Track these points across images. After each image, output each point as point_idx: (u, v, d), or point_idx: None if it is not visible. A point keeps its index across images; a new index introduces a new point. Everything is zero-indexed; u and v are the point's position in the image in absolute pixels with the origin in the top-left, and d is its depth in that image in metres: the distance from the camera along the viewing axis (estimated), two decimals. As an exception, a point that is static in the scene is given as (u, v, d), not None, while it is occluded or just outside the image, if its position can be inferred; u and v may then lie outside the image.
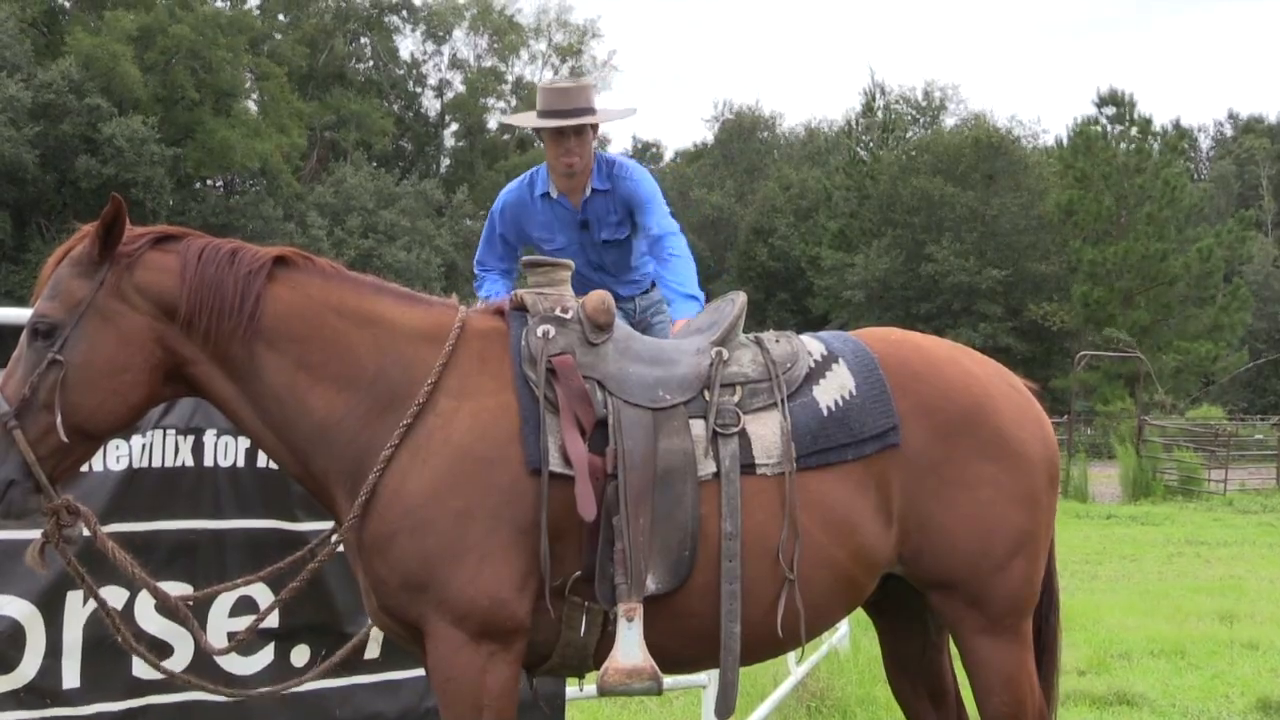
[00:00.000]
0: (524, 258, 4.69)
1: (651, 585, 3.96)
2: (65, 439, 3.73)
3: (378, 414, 3.98)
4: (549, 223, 6.17)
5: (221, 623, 4.89)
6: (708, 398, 4.18)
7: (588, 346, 4.16)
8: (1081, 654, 10.23)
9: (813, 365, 4.37)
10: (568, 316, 4.20)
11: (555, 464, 3.94)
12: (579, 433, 3.99)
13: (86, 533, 3.96)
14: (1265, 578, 15.98)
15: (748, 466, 4.14)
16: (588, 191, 6.05)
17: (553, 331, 4.13)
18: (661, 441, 4.05)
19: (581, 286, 4.61)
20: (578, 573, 4.00)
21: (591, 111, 5.88)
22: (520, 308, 4.28)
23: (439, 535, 3.88)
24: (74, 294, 3.82)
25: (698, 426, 4.13)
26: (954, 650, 4.86)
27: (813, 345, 4.45)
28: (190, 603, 4.42)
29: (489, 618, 3.90)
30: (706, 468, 4.09)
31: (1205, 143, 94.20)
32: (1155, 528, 23.23)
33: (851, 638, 9.53)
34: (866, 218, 63.02)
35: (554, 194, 6.10)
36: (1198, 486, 31.09)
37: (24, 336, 3.81)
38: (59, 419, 3.72)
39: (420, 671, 5.07)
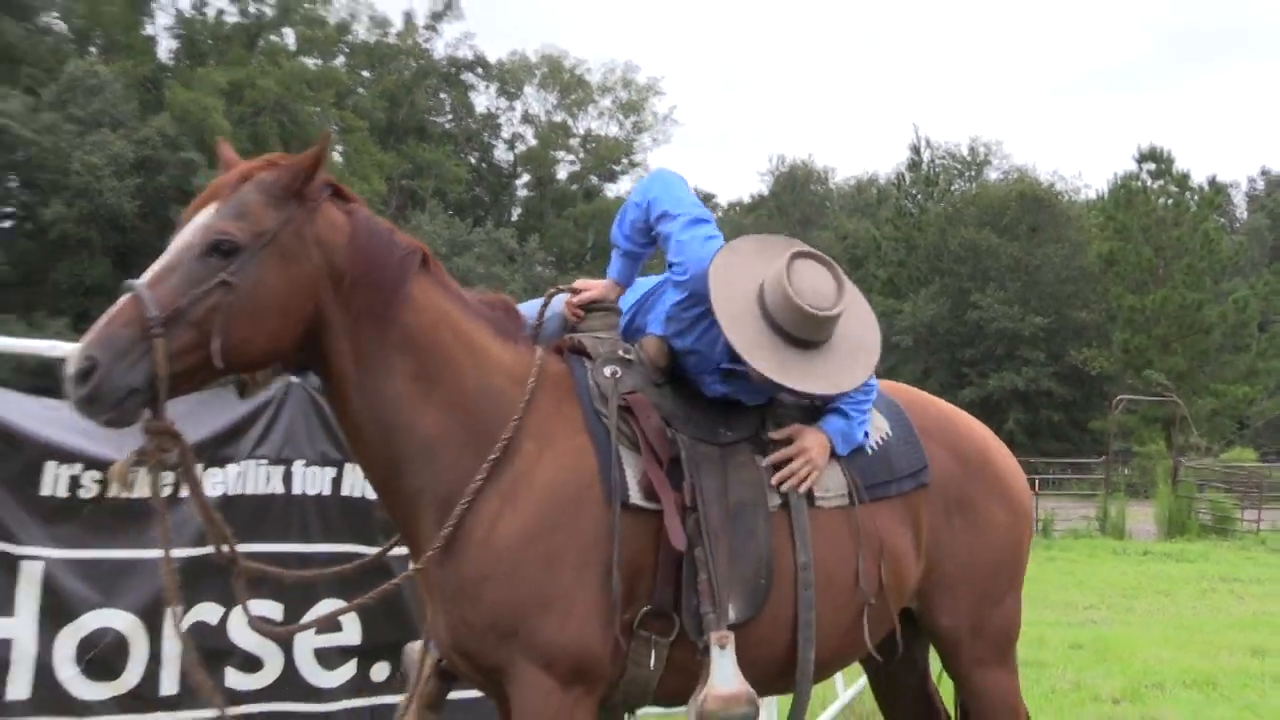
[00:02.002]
0: (581, 298, 4.32)
1: (731, 616, 3.84)
2: (220, 364, 3.42)
3: (471, 444, 3.76)
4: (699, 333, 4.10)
5: (308, 640, 4.95)
6: (764, 436, 4.14)
7: (653, 387, 4.06)
8: (1117, 684, 10.19)
9: None
10: (630, 358, 4.10)
11: (635, 498, 3.83)
12: (660, 467, 3.88)
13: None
14: (1296, 614, 15.82)
15: (809, 499, 4.11)
16: None
17: (620, 371, 4.02)
18: (731, 475, 3.97)
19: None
20: (647, 607, 3.85)
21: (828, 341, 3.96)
22: (577, 350, 4.14)
23: (530, 581, 3.69)
24: (262, 222, 3.49)
25: (759, 462, 4.06)
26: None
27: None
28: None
29: (578, 662, 3.73)
30: (772, 500, 4.02)
31: (1239, 197, 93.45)
32: (1190, 564, 22.96)
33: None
34: (914, 266, 62.90)
35: None
36: (1231, 525, 30.75)
37: (189, 244, 3.45)
38: (216, 343, 3.38)
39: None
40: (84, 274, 54.09)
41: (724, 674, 3.79)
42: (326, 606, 4.90)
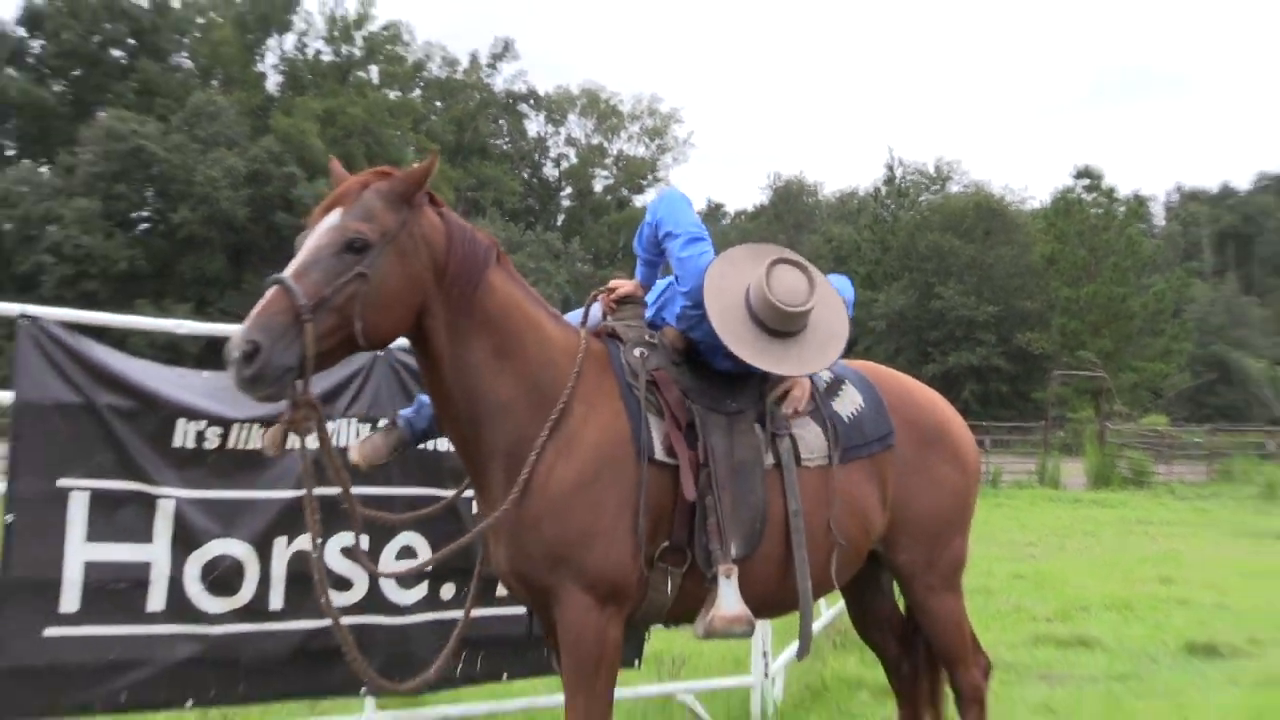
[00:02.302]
0: (615, 295, 4.41)
1: (734, 552, 3.91)
2: (363, 343, 3.47)
3: (534, 407, 3.80)
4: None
5: (389, 566, 4.96)
6: (762, 408, 4.19)
7: (673, 365, 4.11)
8: (1050, 606, 10.30)
9: (826, 384, 4.45)
10: (654, 342, 4.16)
11: (659, 454, 3.88)
12: (679, 431, 3.95)
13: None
14: (1197, 550, 15.86)
15: (796, 459, 4.17)
16: None
17: (646, 352, 4.09)
18: (736, 439, 4.02)
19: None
20: (666, 544, 3.92)
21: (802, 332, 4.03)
22: (612, 335, 4.20)
23: (579, 520, 3.74)
24: (385, 223, 3.48)
25: (758, 429, 4.12)
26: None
27: (823, 371, 4.40)
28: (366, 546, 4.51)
29: (614, 586, 3.79)
30: (768, 460, 4.09)
31: (1157, 208, 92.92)
32: (1112, 510, 23.00)
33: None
34: (888, 264, 62.71)
35: None
36: (1147, 478, 30.68)
37: (324, 244, 3.42)
38: (358, 325, 3.40)
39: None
40: (205, 267, 55.13)
41: (728, 599, 3.87)
42: (404, 539, 4.98)
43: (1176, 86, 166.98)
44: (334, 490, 3.96)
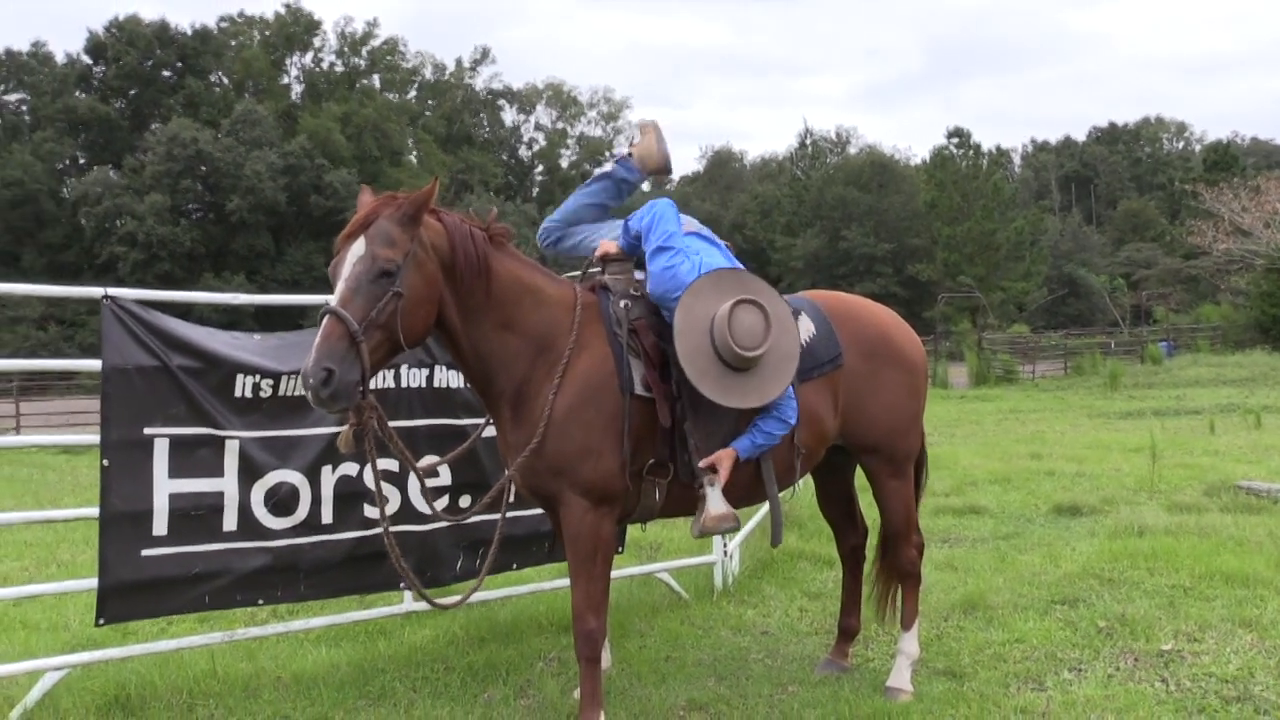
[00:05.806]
0: (602, 253, 4.22)
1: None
2: (406, 347, 3.45)
3: (535, 355, 3.78)
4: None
5: (416, 483, 4.84)
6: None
7: (651, 315, 3.99)
8: (946, 483, 10.34)
9: None
10: (638, 294, 4.04)
11: (639, 390, 3.82)
12: (656, 371, 3.87)
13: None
14: (1058, 431, 16.01)
15: None
16: None
17: (630, 304, 3.98)
18: None
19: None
20: (651, 460, 3.88)
21: None
22: (603, 288, 4.08)
23: (575, 439, 3.73)
24: (402, 245, 3.41)
25: None
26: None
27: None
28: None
29: (604, 491, 3.78)
30: None
31: (1016, 158, 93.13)
32: (990, 403, 23.20)
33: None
34: (803, 215, 62.86)
35: None
36: (1015, 377, 31.01)
37: (360, 272, 3.34)
38: (400, 335, 3.38)
39: (534, 511, 5.16)
40: (254, 244, 56.21)
41: (715, 504, 3.81)
42: (425, 461, 4.88)
43: (1026, 58, 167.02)
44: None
